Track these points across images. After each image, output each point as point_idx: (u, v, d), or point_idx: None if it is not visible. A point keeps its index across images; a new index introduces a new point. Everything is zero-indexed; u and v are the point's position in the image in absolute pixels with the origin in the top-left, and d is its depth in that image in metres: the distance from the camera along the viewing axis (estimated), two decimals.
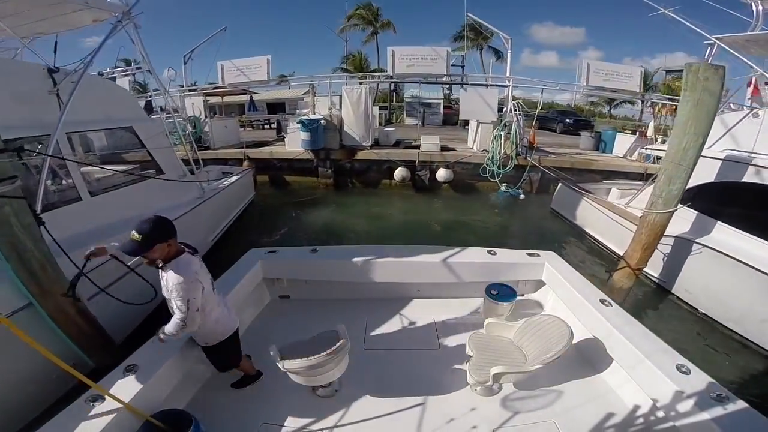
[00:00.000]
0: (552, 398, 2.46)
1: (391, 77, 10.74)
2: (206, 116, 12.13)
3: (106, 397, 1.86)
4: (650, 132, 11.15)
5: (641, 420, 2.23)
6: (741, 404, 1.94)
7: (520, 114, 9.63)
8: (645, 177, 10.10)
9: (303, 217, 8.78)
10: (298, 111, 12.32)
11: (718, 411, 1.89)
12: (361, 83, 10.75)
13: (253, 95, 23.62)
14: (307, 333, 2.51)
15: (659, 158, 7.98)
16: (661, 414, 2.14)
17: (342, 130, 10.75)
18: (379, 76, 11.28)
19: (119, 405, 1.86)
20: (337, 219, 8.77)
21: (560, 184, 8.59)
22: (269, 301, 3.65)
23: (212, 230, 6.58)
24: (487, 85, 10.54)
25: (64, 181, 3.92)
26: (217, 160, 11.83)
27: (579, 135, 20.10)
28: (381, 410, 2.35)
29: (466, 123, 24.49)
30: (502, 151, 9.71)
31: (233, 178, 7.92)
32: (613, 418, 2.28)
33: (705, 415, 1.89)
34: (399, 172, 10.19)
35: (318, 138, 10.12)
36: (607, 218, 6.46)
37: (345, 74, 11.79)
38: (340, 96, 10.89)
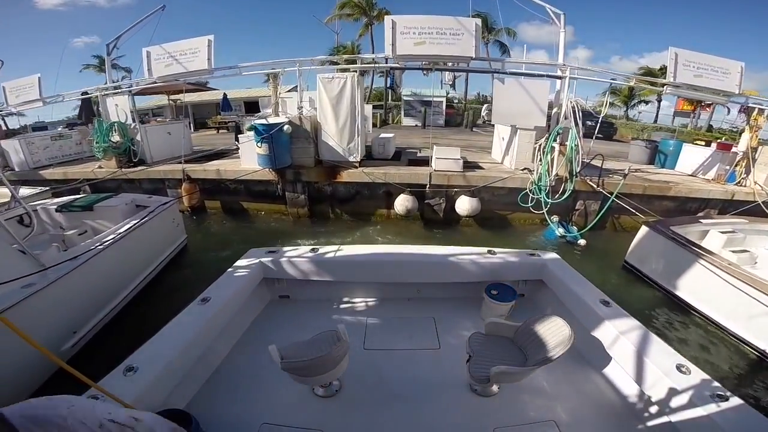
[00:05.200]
0: (552, 398, 2.39)
1: (389, 61, 7.03)
2: (134, 121, 8.86)
3: (106, 397, 1.80)
4: (742, 144, 8.11)
5: (641, 420, 2.18)
6: (741, 404, 1.87)
7: (579, 118, 6.51)
8: (730, 206, 7.31)
9: None
10: (262, 112, 9.06)
11: (718, 411, 1.83)
12: (354, 71, 7.36)
13: (226, 92, 20.53)
14: (307, 333, 2.49)
15: None
16: (661, 414, 2.10)
17: (318, 139, 7.46)
18: (374, 59, 7.81)
19: (119, 405, 1.78)
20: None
21: (645, 227, 5.50)
22: (269, 301, 3.55)
23: (71, 329, 3.67)
24: (544, 75, 6.98)
25: None
26: (151, 180, 8.74)
27: (598, 139, 17.51)
28: (381, 410, 2.32)
29: (474, 125, 21.82)
30: (554, 171, 6.62)
31: (131, 224, 4.79)
32: (613, 418, 2.23)
33: (705, 415, 1.84)
34: (402, 202, 6.94)
35: (280, 151, 6.86)
36: (744, 296, 4.04)
37: (318, 57, 8.28)
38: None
